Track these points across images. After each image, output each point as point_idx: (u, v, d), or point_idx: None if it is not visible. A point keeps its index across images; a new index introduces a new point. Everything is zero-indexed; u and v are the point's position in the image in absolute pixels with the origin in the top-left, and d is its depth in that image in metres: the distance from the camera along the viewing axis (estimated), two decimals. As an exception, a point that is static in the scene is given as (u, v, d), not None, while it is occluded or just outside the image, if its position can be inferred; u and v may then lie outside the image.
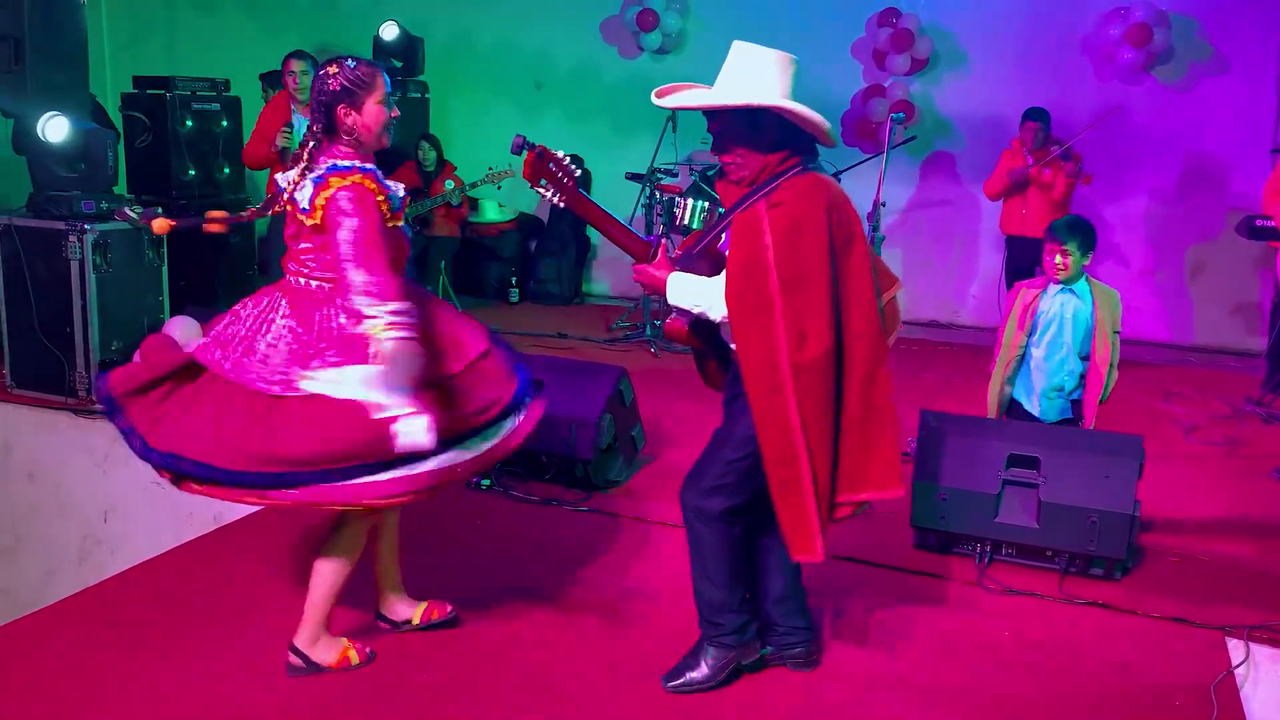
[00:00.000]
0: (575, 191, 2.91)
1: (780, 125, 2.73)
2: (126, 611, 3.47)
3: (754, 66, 2.72)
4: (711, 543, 2.93)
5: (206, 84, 7.51)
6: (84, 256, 5.34)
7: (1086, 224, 4.24)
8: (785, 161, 2.76)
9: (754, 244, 2.70)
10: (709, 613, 3.01)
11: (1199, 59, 7.68)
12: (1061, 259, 4.12)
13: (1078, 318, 4.13)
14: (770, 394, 2.70)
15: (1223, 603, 3.64)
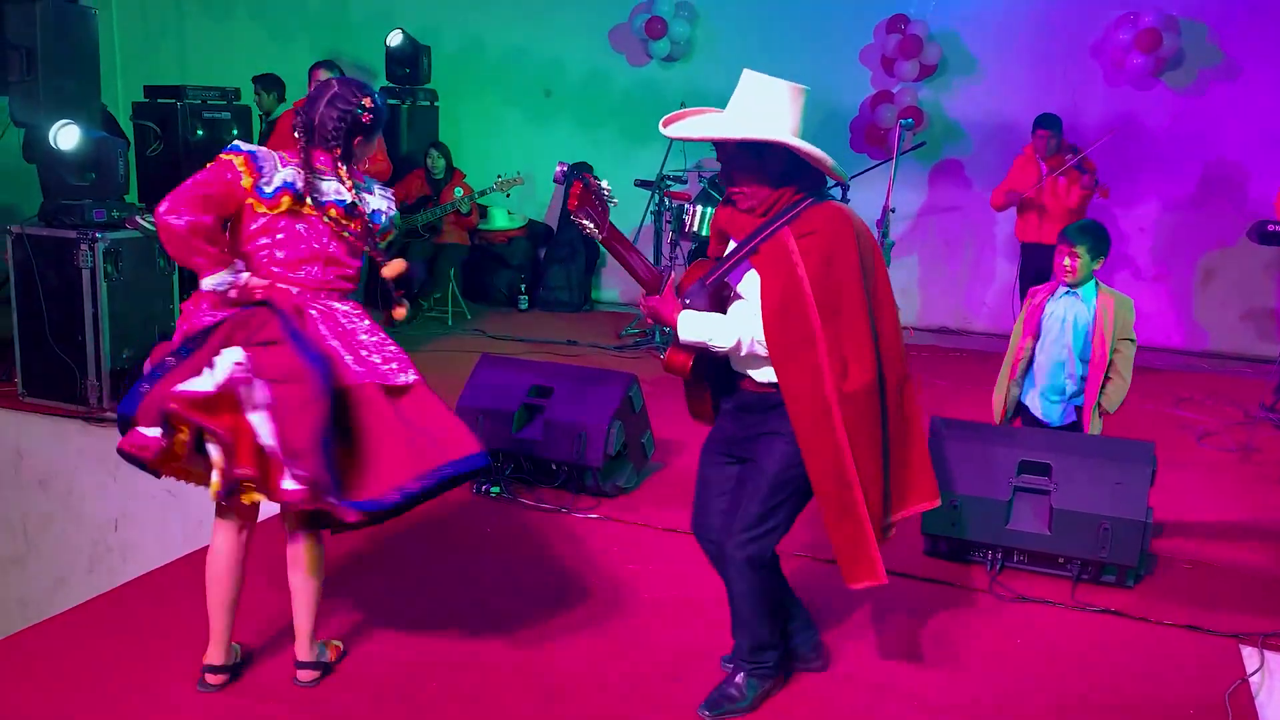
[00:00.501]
0: (608, 222, 2.85)
1: (788, 159, 2.71)
2: (138, 619, 3.48)
3: (763, 98, 2.69)
4: (766, 586, 2.92)
5: (217, 92, 7.55)
6: (95, 265, 5.36)
7: (1099, 228, 4.22)
8: (795, 195, 2.74)
9: (789, 275, 2.67)
10: (755, 652, 2.99)
11: (1209, 64, 7.66)
12: (1070, 261, 4.11)
13: (1079, 322, 4.12)
14: (818, 425, 2.69)
15: (1236, 610, 3.61)
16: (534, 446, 4.56)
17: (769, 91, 2.69)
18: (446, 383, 6.22)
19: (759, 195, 2.76)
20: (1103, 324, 4.08)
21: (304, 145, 2.94)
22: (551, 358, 6.57)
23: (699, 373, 2.91)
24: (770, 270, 2.71)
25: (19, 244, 5.51)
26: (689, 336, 2.79)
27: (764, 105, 2.69)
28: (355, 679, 3.09)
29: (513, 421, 4.61)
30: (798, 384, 2.70)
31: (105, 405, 5.47)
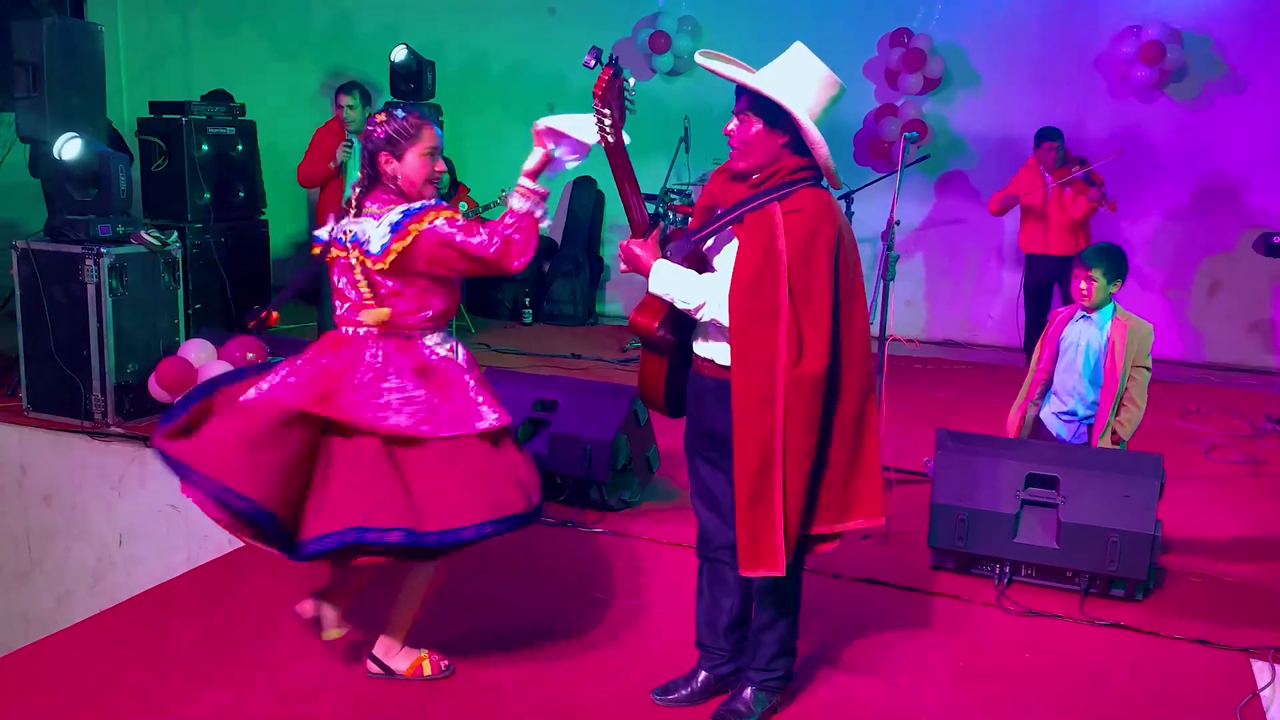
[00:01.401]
0: (620, 131, 2.78)
1: (795, 137, 2.69)
2: (143, 634, 3.46)
3: (800, 72, 2.68)
4: (791, 589, 2.91)
5: (222, 108, 7.56)
6: (100, 280, 5.36)
7: (1115, 250, 4.22)
8: (790, 174, 2.71)
9: (768, 246, 2.63)
10: (772, 661, 2.95)
11: (1213, 76, 7.66)
12: (1086, 285, 4.11)
13: (1090, 346, 4.12)
14: (760, 406, 2.62)
15: (1247, 623, 3.59)
16: (539, 460, 4.53)
17: (808, 69, 2.68)
18: (451, 397, 6.24)
19: (757, 158, 2.71)
20: (1114, 350, 4.08)
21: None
22: (556, 371, 6.56)
23: (661, 340, 2.84)
24: (751, 238, 2.67)
25: (24, 259, 5.51)
26: (659, 288, 2.74)
27: (797, 78, 2.67)
28: (356, 696, 3.07)
29: (517, 435, 4.59)
30: (750, 357, 2.63)
31: (110, 420, 5.47)
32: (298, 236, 10.01)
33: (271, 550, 2.84)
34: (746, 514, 2.66)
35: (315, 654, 3.32)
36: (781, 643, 2.95)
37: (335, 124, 6.44)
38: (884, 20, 8.22)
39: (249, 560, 4.10)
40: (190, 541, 5.07)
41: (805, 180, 2.72)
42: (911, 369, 7.25)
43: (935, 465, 4.00)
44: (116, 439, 5.36)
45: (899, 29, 8.15)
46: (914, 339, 8.07)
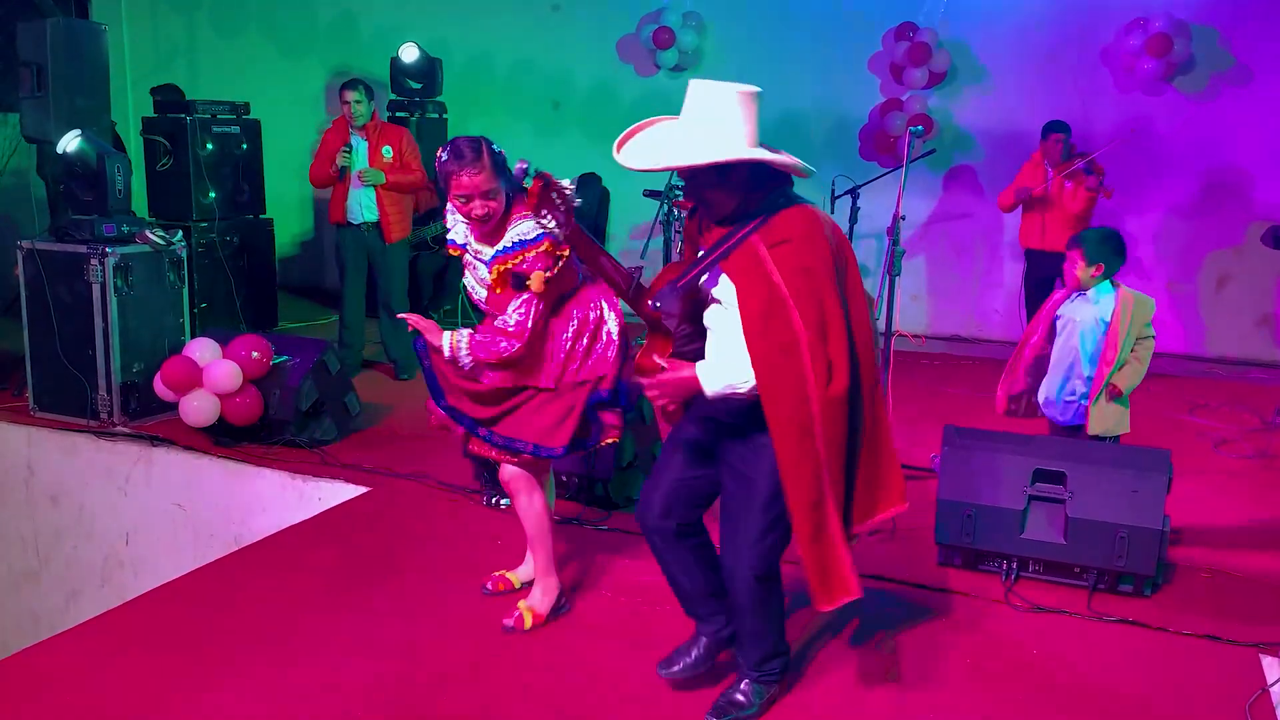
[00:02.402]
0: (573, 221, 2.83)
1: (751, 167, 2.64)
2: (151, 632, 3.47)
3: (715, 110, 2.59)
4: (776, 596, 2.92)
5: (226, 107, 7.57)
6: (105, 279, 5.37)
7: (1102, 232, 4.19)
8: (762, 199, 2.67)
9: (766, 284, 2.61)
10: (763, 662, 2.97)
11: (1220, 69, 7.62)
12: (1067, 269, 4.10)
13: (1086, 324, 4.10)
14: (802, 437, 2.62)
15: (1256, 619, 3.57)
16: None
17: (720, 101, 2.59)
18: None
19: (727, 206, 2.70)
20: (1119, 324, 4.05)
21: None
22: (561, 369, 6.54)
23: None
24: (745, 280, 2.64)
25: (30, 259, 5.53)
26: (718, 389, 2.67)
27: (718, 116, 2.59)
28: (364, 693, 3.07)
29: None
30: (784, 392, 2.61)
31: (116, 419, 5.48)
32: (303, 235, 10.02)
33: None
34: (811, 549, 2.68)
35: (324, 652, 3.32)
36: (771, 646, 2.97)
37: (341, 123, 6.43)
38: (889, 14, 8.19)
39: (256, 558, 4.11)
40: (197, 540, 5.08)
41: (778, 196, 2.68)
42: (918, 365, 7.23)
43: (942, 461, 3.99)
44: (123, 438, 5.37)
45: (904, 23, 8.12)
46: (920, 335, 8.05)
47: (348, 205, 6.43)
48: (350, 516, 4.52)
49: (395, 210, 6.47)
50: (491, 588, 3.72)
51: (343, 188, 6.40)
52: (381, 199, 6.40)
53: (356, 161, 6.35)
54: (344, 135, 6.39)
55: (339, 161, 6.28)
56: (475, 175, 3.07)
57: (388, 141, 6.42)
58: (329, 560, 4.03)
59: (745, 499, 2.82)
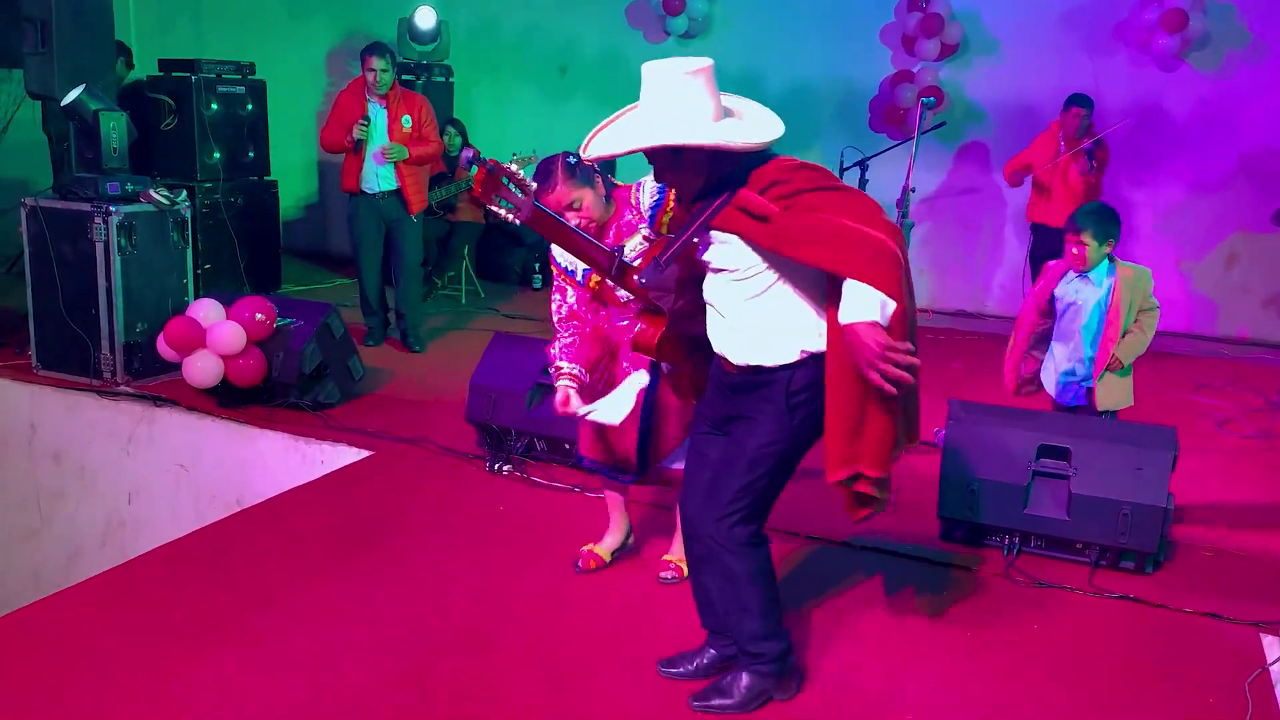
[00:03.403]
0: (533, 208, 2.78)
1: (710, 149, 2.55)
2: (153, 591, 3.47)
3: (667, 92, 2.54)
4: (744, 571, 2.76)
5: (232, 67, 7.51)
6: (109, 238, 5.34)
7: (1104, 210, 4.15)
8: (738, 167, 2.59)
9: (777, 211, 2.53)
10: (747, 642, 2.85)
11: (1236, 46, 7.54)
12: (1078, 249, 4.05)
13: (1088, 305, 4.07)
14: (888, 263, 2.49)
15: (1257, 598, 3.56)
16: (547, 425, 4.53)
17: (670, 82, 2.54)
18: (459, 360, 6.24)
19: (694, 185, 2.64)
20: (1119, 301, 4.02)
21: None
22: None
23: (669, 352, 2.91)
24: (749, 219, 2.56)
25: (33, 217, 5.50)
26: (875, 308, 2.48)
27: (670, 98, 2.54)
28: (364, 658, 3.08)
29: (526, 400, 4.58)
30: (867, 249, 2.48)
31: (118, 379, 5.47)
32: (308, 199, 9.98)
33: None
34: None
35: (325, 615, 3.32)
36: (745, 625, 2.83)
37: (359, 87, 6.22)
38: (901, -16, 8.10)
39: (258, 520, 4.11)
40: (199, 501, 5.09)
41: (753, 160, 2.60)
42: (922, 339, 7.15)
43: (947, 435, 3.98)
44: (125, 398, 5.36)
45: (917, -6, 8.03)
46: (926, 309, 8.03)
47: (363, 175, 6.27)
48: (353, 480, 4.52)
49: (414, 181, 6.33)
50: (583, 565, 3.66)
51: (357, 158, 6.23)
52: (401, 171, 6.25)
53: (374, 134, 6.18)
54: (360, 101, 6.20)
55: (356, 134, 6.10)
56: (551, 194, 3.10)
57: (407, 110, 6.25)
58: (331, 523, 4.03)
59: (729, 462, 2.76)
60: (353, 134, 6.12)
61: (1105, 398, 4.10)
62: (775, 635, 2.85)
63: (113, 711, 2.78)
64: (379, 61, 6.12)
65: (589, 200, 3.14)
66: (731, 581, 2.79)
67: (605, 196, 3.21)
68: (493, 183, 2.74)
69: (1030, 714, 2.92)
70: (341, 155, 6.34)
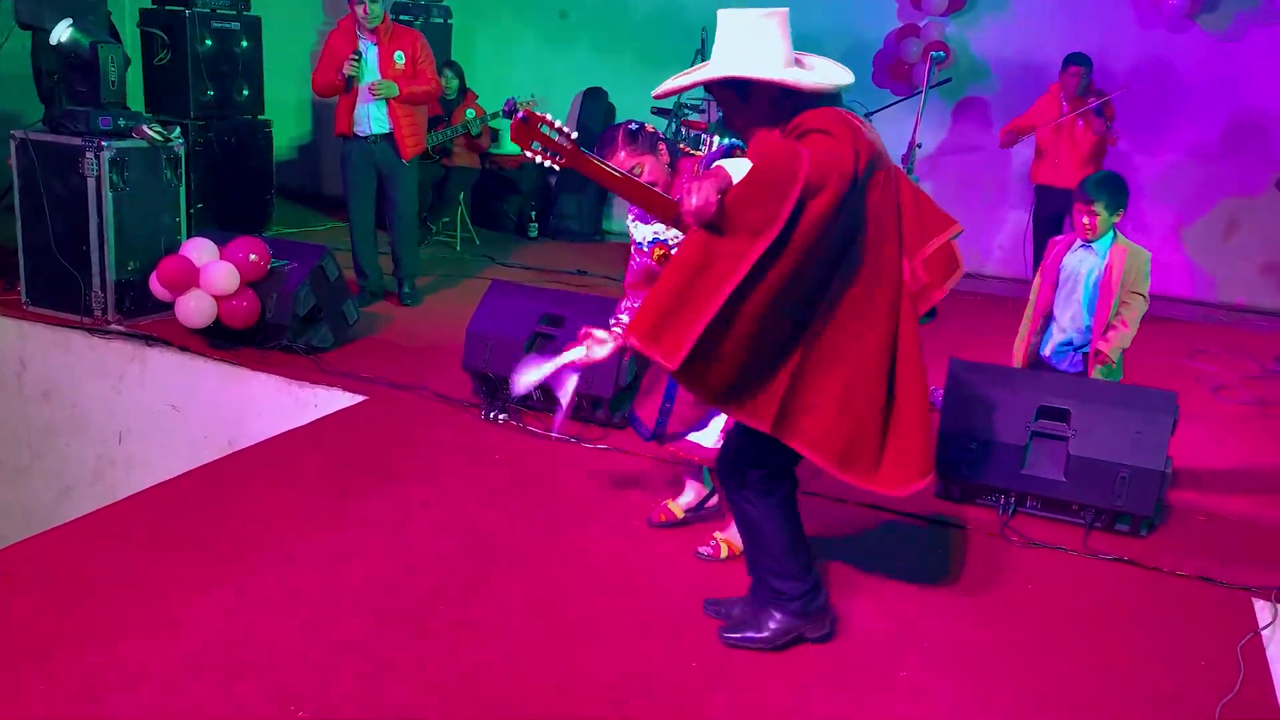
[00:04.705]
0: (577, 153, 2.71)
1: (776, 91, 2.57)
2: (146, 531, 3.45)
3: (740, 33, 2.58)
4: (756, 514, 2.81)
5: (227, 2, 7.36)
6: (101, 174, 5.25)
7: (1116, 180, 4.12)
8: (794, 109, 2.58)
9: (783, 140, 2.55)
10: (769, 579, 2.90)
11: (1246, 8, 7.44)
12: (1089, 219, 4.03)
13: (1091, 275, 4.06)
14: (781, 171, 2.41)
15: (1249, 563, 3.58)
16: (544, 374, 4.50)
17: (743, 23, 2.58)
18: (455, 308, 6.19)
19: (751, 129, 2.66)
20: (1111, 276, 4.01)
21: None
22: (561, 287, 6.48)
23: None
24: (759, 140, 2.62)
25: (23, 150, 5.40)
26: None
27: (741, 38, 2.57)
28: (364, 606, 3.07)
29: (523, 349, 4.54)
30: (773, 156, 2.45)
31: (109, 317, 5.41)
32: (300, 139, 9.85)
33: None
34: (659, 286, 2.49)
35: (319, 558, 3.31)
36: (774, 563, 2.85)
37: (349, 24, 5.95)
38: (911, -64, 7.96)
39: (252, 462, 4.09)
40: (190, 441, 5.05)
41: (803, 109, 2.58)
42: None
43: (945, 394, 3.96)
44: (117, 336, 5.31)
45: (926, -54, 7.89)
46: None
47: (355, 117, 5.95)
48: (347, 425, 4.49)
49: (409, 123, 6.02)
50: (655, 519, 3.65)
51: (349, 99, 5.94)
52: (395, 111, 5.94)
53: (366, 72, 5.89)
54: (351, 39, 5.91)
55: (346, 70, 5.81)
56: (615, 160, 3.08)
57: (399, 46, 5.94)
58: (326, 467, 4.01)
59: None
60: (343, 71, 5.82)
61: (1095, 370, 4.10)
62: (796, 576, 2.88)
63: (108, 645, 2.76)
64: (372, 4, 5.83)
65: (650, 166, 3.12)
66: (747, 525, 2.86)
67: (670, 165, 3.19)
68: (530, 130, 2.71)
69: (1024, 674, 2.93)
70: (335, 99, 6.08)
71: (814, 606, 2.92)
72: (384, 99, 5.93)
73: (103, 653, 2.74)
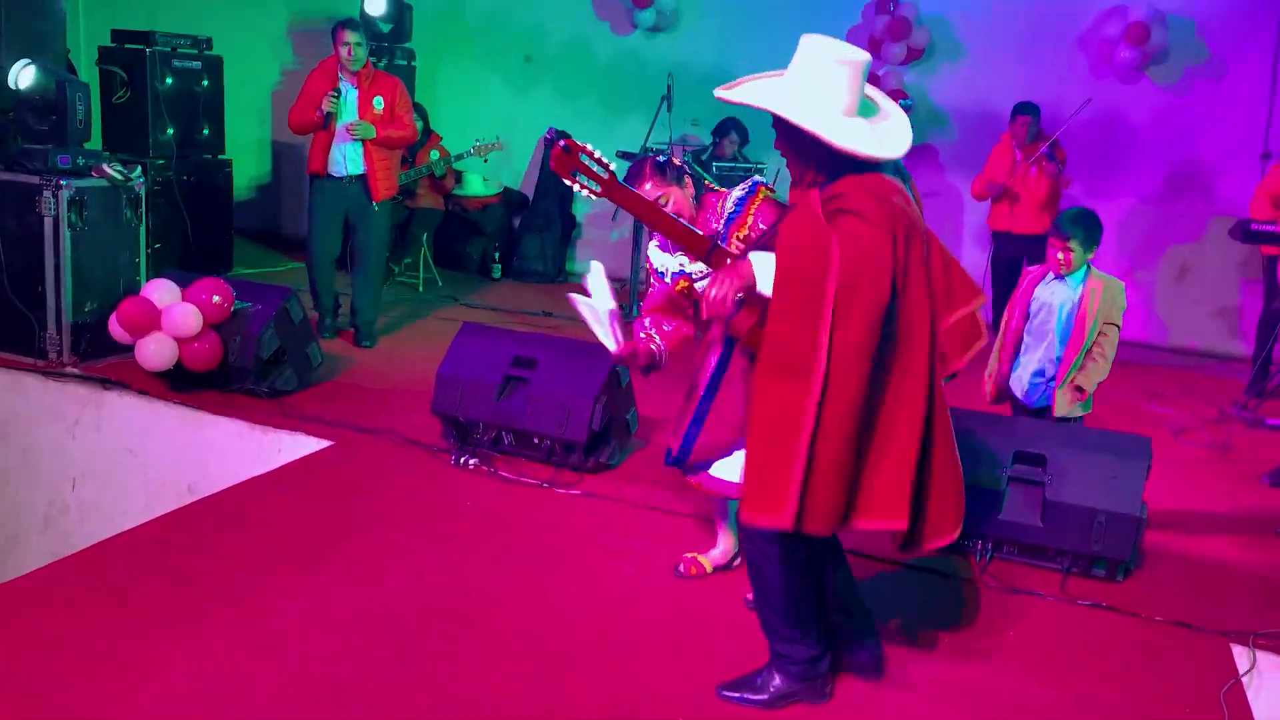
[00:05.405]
0: (614, 184, 2.78)
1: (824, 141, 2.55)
2: (106, 584, 3.32)
3: (812, 71, 2.57)
4: (769, 568, 2.76)
5: (188, 40, 7.29)
6: (59, 213, 5.14)
7: (1091, 217, 4.19)
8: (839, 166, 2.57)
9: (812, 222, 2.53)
10: (773, 639, 2.85)
11: (1194, 61, 7.67)
12: (1064, 255, 4.08)
13: (1064, 308, 4.11)
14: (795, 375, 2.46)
15: (1224, 607, 3.60)
16: (516, 418, 4.45)
17: (818, 61, 2.57)
18: (419, 350, 6.12)
19: (801, 168, 2.67)
20: (1087, 307, 4.07)
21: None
22: (527, 328, 6.43)
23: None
24: (792, 221, 2.58)
25: (-21, 188, 5.26)
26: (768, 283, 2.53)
27: (811, 76, 2.57)
28: (340, 657, 2.97)
29: (495, 392, 4.49)
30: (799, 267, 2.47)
31: (65, 360, 5.27)
32: (260, 179, 9.73)
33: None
34: (755, 452, 2.53)
35: (287, 612, 3.21)
36: (780, 623, 2.82)
37: (330, 65, 5.96)
38: (871, -13, 8.11)
39: (215, 510, 3.98)
40: (148, 488, 4.92)
41: (853, 167, 2.57)
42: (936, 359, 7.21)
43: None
44: (72, 379, 5.17)
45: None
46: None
47: (330, 156, 5.95)
48: (313, 470, 4.39)
49: (384, 167, 6.03)
50: (684, 570, 3.59)
51: (325, 136, 5.93)
52: (370, 153, 5.95)
53: (345, 111, 5.91)
54: (332, 79, 5.93)
55: (325, 107, 5.81)
56: (641, 190, 3.09)
57: (380, 91, 5.98)
58: (294, 514, 3.91)
59: None
60: (322, 107, 5.82)
61: (1062, 405, 4.13)
62: (801, 641, 2.82)
63: (64, 709, 2.64)
64: (352, 35, 5.87)
65: (676, 198, 3.13)
66: (760, 579, 2.81)
67: (695, 198, 3.19)
68: (571, 160, 2.74)
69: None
70: (309, 137, 6.04)
71: (816, 673, 2.87)
72: (360, 140, 5.93)
73: (58, 715, 2.62)
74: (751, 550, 2.80)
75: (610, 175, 2.78)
